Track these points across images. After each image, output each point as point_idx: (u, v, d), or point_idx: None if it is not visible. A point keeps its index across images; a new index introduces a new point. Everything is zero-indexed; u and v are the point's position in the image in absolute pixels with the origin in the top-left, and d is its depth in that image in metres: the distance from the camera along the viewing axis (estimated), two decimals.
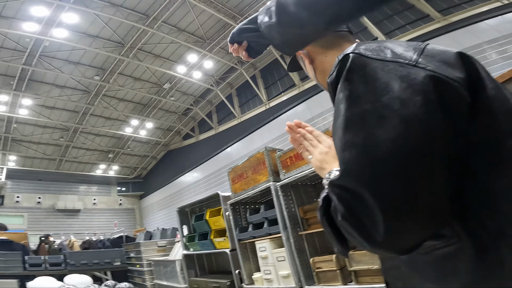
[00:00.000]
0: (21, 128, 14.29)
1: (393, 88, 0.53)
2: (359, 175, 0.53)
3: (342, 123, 0.58)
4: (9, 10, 8.98)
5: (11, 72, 11.28)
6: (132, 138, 17.21)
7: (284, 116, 11.08)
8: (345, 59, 0.63)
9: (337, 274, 2.02)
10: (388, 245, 0.53)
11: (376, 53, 0.60)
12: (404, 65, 0.56)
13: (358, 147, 0.54)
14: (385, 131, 0.52)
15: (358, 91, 0.57)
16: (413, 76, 0.53)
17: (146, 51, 11.82)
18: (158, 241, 6.16)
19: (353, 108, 0.57)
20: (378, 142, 0.52)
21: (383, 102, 0.53)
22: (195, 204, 4.40)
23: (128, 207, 20.18)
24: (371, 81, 0.56)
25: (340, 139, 0.58)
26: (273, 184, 2.59)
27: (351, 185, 0.54)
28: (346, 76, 0.60)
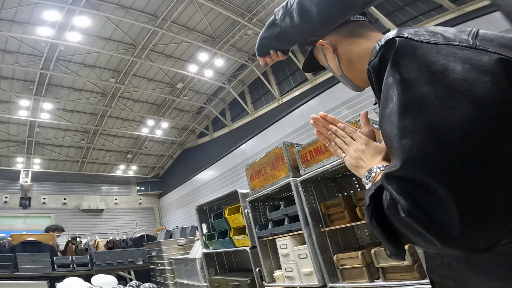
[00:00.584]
0: (43, 132, 14.83)
1: (455, 70, 0.49)
2: (427, 163, 0.47)
3: (397, 108, 0.53)
4: (21, 15, 9.26)
5: (30, 77, 11.69)
6: (149, 138, 17.54)
7: (297, 111, 10.98)
8: (389, 43, 0.59)
9: (363, 271, 1.92)
10: (466, 243, 0.46)
11: (426, 37, 0.57)
12: (463, 48, 0.52)
13: (422, 132, 0.49)
14: (454, 114, 0.47)
15: (413, 74, 0.53)
16: (477, 58, 0.50)
17: (157, 51, 11.96)
18: (178, 240, 6.23)
19: (410, 92, 0.52)
20: (447, 126, 0.47)
21: (446, 84, 0.49)
22: (214, 202, 4.40)
23: (148, 206, 20.65)
24: (427, 64, 0.52)
25: (395, 125, 0.53)
26: (293, 180, 2.51)
27: (417, 175, 0.48)
28: (395, 60, 0.56)
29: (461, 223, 0.44)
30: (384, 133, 0.59)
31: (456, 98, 0.47)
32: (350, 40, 0.89)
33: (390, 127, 0.55)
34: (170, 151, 19.14)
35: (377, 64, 0.61)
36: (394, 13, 8.77)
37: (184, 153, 18.98)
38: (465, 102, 0.47)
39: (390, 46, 0.59)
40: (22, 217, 15.36)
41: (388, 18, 8.71)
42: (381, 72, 0.60)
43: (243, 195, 3.36)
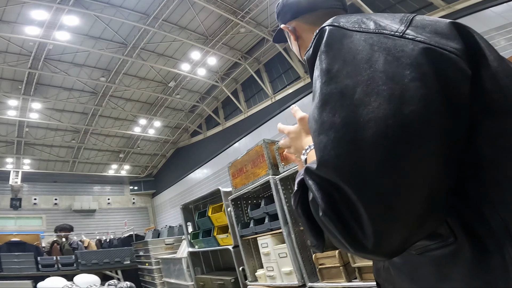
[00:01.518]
0: (33, 132, 14.63)
1: (377, 62, 0.45)
2: (339, 164, 0.44)
3: (318, 101, 0.49)
4: (9, 14, 9.11)
5: (19, 76, 11.51)
6: (141, 137, 17.41)
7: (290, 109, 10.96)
8: (322, 33, 0.56)
9: (341, 271, 1.92)
10: (375, 250, 0.42)
11: (357, 24, 0.52)
12: (389, 37, 0.48)
13: (337, 129, 0.45)
14: (370, 110, 0.42)
15: (336, 65, 0.49)
16: (401, 48, 0.46)
17: (149, 50, 11.85)
18: (166, 239, 6.18)
19: (331, 84, 0.48)
20: (361, 123, 0.43)
21: (366, 77, 0.45)
22: (199, 201, 4.35)
23: (141, 205, 20.52)
24: (351, 55, 0.48)
25: (316, 120, 0.49)
26: (272, 178, 2.51)
27: (330, 176, 0.45)
28: (323, 50, 0.53)
29: (371, 229, 0.41)
30: (310, 129, 0.53)
31: (374, 93, 0.43)
32: (313, 29, 0.82)
33: (312, 122, 0.51)
34: (163, 150, 19.02)
35: (311, 55, 0.58)
36: (385, 11, 8.78)
37: (177, 152, 18.88)
38: (382, 97, 0.43)
39: (322, 35, 0.55)
40: (13, 218, 15.16)
41: None
42: (313, 63, 0.56)
43: (226, 193, 3.34)
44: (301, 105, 10.57)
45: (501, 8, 6.36)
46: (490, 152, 0.45)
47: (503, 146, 0.45)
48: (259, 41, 12.14)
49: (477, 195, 0.45)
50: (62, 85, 12.69)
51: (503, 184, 0.44)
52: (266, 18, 10.90)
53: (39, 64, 10.88)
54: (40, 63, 10.83)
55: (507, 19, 6.18)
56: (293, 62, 11.45)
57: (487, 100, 0.46)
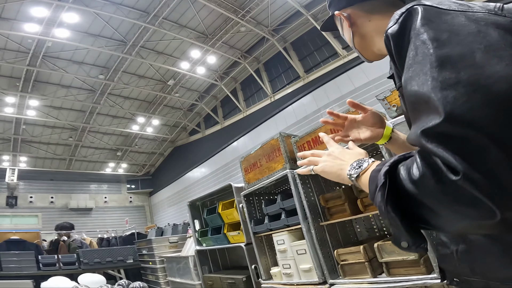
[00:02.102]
0: (30, 129, 14.48)
1: (491, 34, 0.50)
2: (478, 115, 0.43)
3: (433, 62, 0.50)
4: (8, 11, 9.00)
5: (16, 73, 11.38)
6: (139, 136, 17.31)
7: (289, 109, 10.99)
8: (412, 11, 0.59)
9: (366, 266, 1.85)
10: None
11: (451, 6, 0.57)
12: (493, 14, 0.54)
13: (466, 84, 0.45)
14: (497, 69, 0.45)
15: (445, 35, 0.52)
16: (504, 21, 0.53)
17: (148, 48, 11.78)
18: (170, 237, 6.12)
19: (445, 48, 0.51)
20: (492, 79, 0.44)
21: (484, 44, 0.48)
22: (206, 197, 4.27)
23: (138, 204, 20.42)
24: (457, 27, 0.52)
25: (433, 78, 0.49)
26: (290, 172, 2.41)
27: (467, 129, 0.43)
28: (423, 21, 0.56)
29: None
30: (410, 94, 0.54)
31: (497, 56, 0.47)
32: (370, 16, 0.90)
33: (422, 83, 0.51)
34: (161, 149, 18.94)
35: (397, 30, 0.61)
36: None
37: (175, 150, 18.81)
38: (506, 60, 0.46)
39: (412, 13, 0.59)
40: (9, 216, 15.01)
41: None
42: (401, 38, 0.60)
43: (237, 189, 3.25)
44: (300, 104, 10.61)
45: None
46: None
47: None
48: (259, 40, 12.13)
49: None
50: (60, 83, 12.57)
51: None
52: (266, 17, 10.90)
53: (37, 61, 10.77)
54: (38, 60, 10.72)
55: None
56: (292, 61, 11.47)
57: None
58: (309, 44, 11.30)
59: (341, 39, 10.06)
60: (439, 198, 0.46)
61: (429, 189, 0.46)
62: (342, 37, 1.06)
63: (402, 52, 0.60)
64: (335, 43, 10.04)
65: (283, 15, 11.01)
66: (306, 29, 11.33)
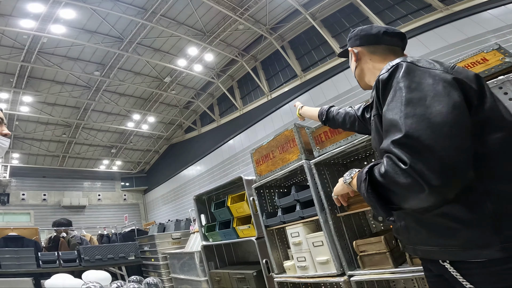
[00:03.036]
0: (23, 126, 14.26)
1: (438, 85, 0.80)
2: (422, 134, 0.73)
3: (403, 100, 0.81)
4: (4, 7, 8.85)
5: (10, 69, 11.20)
6: (134, 133, 17.19)
7: (286, 107, 11.06)
8: (399, 65, 0.89)
9: (387, 257, 1.84)
10: (443, 190, 0.70)
11: (424, 63, 0.88)
12: (444, 72, 0.85)
13: (419, 116, 0.76)
14: (437, 109, 0.75)
15: (414, 84, 0.83)
16: (449, 79, 0.82)
17: (145, 45, 11.71)
18: (173, 233, 6.04)
19: (412, 93, 0.81)
20: (434, 113, 0.75)
21: (434, 92, 0.79)
22: (213, 192, 4.17)
23: (132, 202, 20.29)
24: (424, 80, 0.83)
25: (401, 111, 0.80)
26: (306, 162, 2.36)
27: (415, 140, 0.74)
28: (403, 74, 0.86)
29: (441, 173, 0.69)
30: (387, 118, 0.84)
31: (439, 100, 0.77)
32: (371, 56, 1.24)
33: (396, 112, 0.81)
34: (156, 146, 18.84)
35: (386, 77, 0.90)
36: (384, 12, 8.96)
37: (170, 148, 18.73)
38: (444, 101, 0.77)
39: (399, 67, 0.89)
40: (0, 214, 14.78)
41: (378, 17, 8.89)
42: (387, 83, 0.90)
43: (247, 182, 3.17)
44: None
45: (499, 11, 6.58)
46: (477, 141, 0.80)
47: (485, 139, 0.81)
48: (257, 38, 12.16)
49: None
50: (54, 79, 12.40)
51: (484, 160, 0.80)
52: (264, 16, 10.94)
53: (32, 57, 10.61)
54: (33, 56, 10.56)
55: (503, 21, 6.40)
56: (290, 60, 11.54)
57: (484, 117, 0.82)
58: (307, 43, 11.38)
59: (338, 38, 10.17)
60: (396, 182, 0.75)
61: (390, 177, 0.76)
62: (339, 37, 2.11)
63: (386, 92, 0.90)
64: (332, 42, 10.13)
65: (281, 13, 11.06)
66: (304, 28, 11.41)
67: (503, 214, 0.75)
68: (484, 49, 1.76)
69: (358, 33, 1.29)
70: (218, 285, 3.64)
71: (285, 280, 2.61)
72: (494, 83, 1.54)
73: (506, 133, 0.81)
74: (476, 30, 6.75)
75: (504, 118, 0.83)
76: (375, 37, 1.23)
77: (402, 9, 8.63)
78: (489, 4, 6.77)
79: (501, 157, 0.79)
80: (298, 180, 3.13)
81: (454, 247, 0.82)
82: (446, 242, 0.84)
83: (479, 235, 0.77)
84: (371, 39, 1.24)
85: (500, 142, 0.80)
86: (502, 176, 0.78)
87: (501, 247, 0.74)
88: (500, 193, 0.77)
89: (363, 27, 1.30)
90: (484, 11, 6.78)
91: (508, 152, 0.79)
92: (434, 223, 0.85)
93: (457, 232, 0.80)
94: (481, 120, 0.81)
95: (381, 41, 1.22)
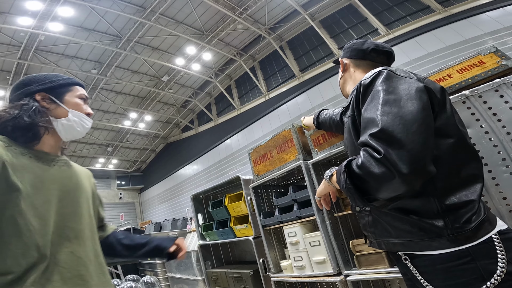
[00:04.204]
0: None
1: (412, 89, 0.93)
2: (395, 128, 0.83)
3: (381, 101, 0.92)
4: (2, 4, 8.80)
5: (7, 67, 11.13)
6: (131, 131, 17.15)
7: (284, 107, 11.08)
8: (381, 72, 1.01)
9: (383, 257, 1.88)
10: (410, 178, 0.79)
11: (400, 73, 1.02)
12: (416, 81, 0.97)
13: (393, 114, 0.87)
14: (409, 108, 0.87)
15: (391, 88, 0.94)
16: (420, 86, 0.94)
17: (143, 43, 11.69)
18: (169, 232, 6.03)
19: (389, 95, 0.92)
20: (407, 112, 0.86)
21: (408, 96, 0.91)
22: (210, 191, 4.16)
23: (128, 200, 20.22)
24: (399, 85, 0.95)
25: (378, 109, 0.90)
26: (304, 162, 2.37)
27: (389, 134, 0.83)
28: (383, 80, 0.98)
29: (409, 163, 0.78)
30: (365, 117, 0.94)
31: (411, 102, 0.89)
32: (355, 69, 1.36)
33: (373, 112, 0.91)
34: (152, 145, 18.80)
35: (368, 82, 1.01)
36: (382, 13, 9.00)
37: (167, 147, 18.69)
38: (415, 103, 0.88)
39: (380, 73, 1.01)
40: None
41: (376, 18, 8.93)
42: (368, 86, 1.00)
43: (245, 181, 3.17)
44: (295, 103, 10.71)
45: (497, 13, 6.63)
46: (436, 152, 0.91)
47: (441, 141, 0.93)
48: (255, 38, 12.18)
49: None
50: None
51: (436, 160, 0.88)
52: (263, 16, 10.95)
53: (29, 55, 10.56)
54: (30, 54, 10.51)
55: (502, 24, 6.45)
56: (288, 60, 11.56)
57: (441, 123, 0.94)
58: (305, 43, 11.41)
59: (337, 39, 10.20)
60: (371, 172, 0.84)
61: (366, 167, 0.85)
62: (338, 38, 2.34)
63: (366, 96, 1.00)
64: (330, 43, 10.17)
65: (280, 13, 11.08)
66: (302, 28, 11.44)
67: (449, 209, 0.86)
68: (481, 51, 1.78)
69: (350, 46, 1.40)
70: (215, 284, 3.64)
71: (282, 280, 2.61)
72: (490, 85, 1.55)
73: (455, 139, 0.93)
74: (474, 32, 6.80)
75: (457, 127, 0.96)
76: (362, 52, 1.33)
77: (400, 10, 8.67)
78: (487, 6, 6.82)
79: (448, 160, 0.91)
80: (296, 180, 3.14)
81: (409, 239, 0.92)
82: (404, 234, 0.93)
83: (429, 227, 0.87)
84: (359, 54, 1.34)
85: (449, 147, 0.92)
86: (448, 175, 0.90)
87: (448, 238, 0.84)
88: (445, 191, 0.89)
89: (357, 40, 1.41)
90: (482, 13, 6.83)
91: (454, 156, 0.92)
92: (396, 216, 0.94)
93: (414, 224, 0.90)
94: (438, 126, 0.93)
95: (367, 57, 1.32)
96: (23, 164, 0.93)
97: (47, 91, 1.12)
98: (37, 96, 1.08)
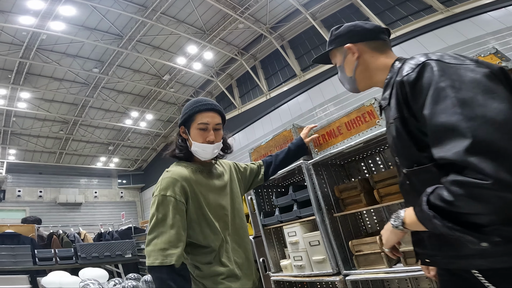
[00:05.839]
0: (20, 122, 14.21)
1: (482, 79, 0.75)
2: (492, 137, 0.65)
3: (454, 102, 0.73)
4: (4, 3, 8.83)
5: (9, 65, 11.16)
6: (132, 130, 17.16)
7: (285, 106, 11.08)
8: (426, 64, 0.83)
9: (382, 257, 1.86)
10: None
11: (450, 60, 0.83)
12: (478, 66, 0.80)
13: (480, 117, 0.68)
14: (493, 103, 0.69)
15: (457, 82, 0.76)
16: (487, 71, 0.78)
17: (145, 42, 11.70)
18: None
19: (461, 93, 0.73)
20: (494, 111, 0.68)
21: (482, 88, 0.73)
22: None
23: (129, 199, 20.25)
24: (463, 76, 0.77)
25: (456, 113, 0.71)
26: (304, 163, 2.37)
27: (489, 145, 0.65)
28: (439, 73, 0.79)
29: None
30: (437, 122, 0.74)
31: (491, 96, 0.71)
32: (373, 53, 1.12)
33: (448, 115, 0.72)
34: (154, 144, 18.82)
35: (414, 78, 0.83)
36: (384, 12, 8.99)
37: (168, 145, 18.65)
38: (496, 96, 0.71)
39: (427, 66, 0.82)
40: None
41: (378, 17, 8.92)
42: (417, 83, 0.82)
43: None
44: (296, 102, 10.71)
45: (499, 13, 6.61)
46: None
47: None
48: (257, 37, 12.18)
49: None
50: (52, 75, 12.37)
51: None
52: (265, 15, 10.95)
53: (30, 54, 10.58)
54: (32, 52, 10.53)
55: (503, 23, 6.43)
56: (289, 59, 11.56)
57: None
58: (306, 43, 11.40)
59: None
60: (485, 206, 0.65)
61: (475, 204, 0.66)
62: None
63: (417, 94, 0.82)
64: None
65: (281, 13, 11.08)
66: (303, 28, 11.43)
67: None
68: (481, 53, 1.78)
69: (352, 29, 1.16)
70: None
71: (281, 279, 2.63)
72: None
73: None
74: (476, 32, 6.78)
75: None
76: (373, 32, 1.13)
77: (402, 10, 8.66)
78: (490, 6, 6.79)
79: None
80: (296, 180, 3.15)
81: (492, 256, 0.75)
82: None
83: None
84: (369, 35, 1.13)
85: None
86: None
87: None
88: None
89: (351, 23, 1.19)
90: (485, 13, 6.81)
91: None
92: None
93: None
94: None
95: (378, 37, 1.12)
96: None
97: (184, 123, 1.54)
98: (180, 129, 1.57)
